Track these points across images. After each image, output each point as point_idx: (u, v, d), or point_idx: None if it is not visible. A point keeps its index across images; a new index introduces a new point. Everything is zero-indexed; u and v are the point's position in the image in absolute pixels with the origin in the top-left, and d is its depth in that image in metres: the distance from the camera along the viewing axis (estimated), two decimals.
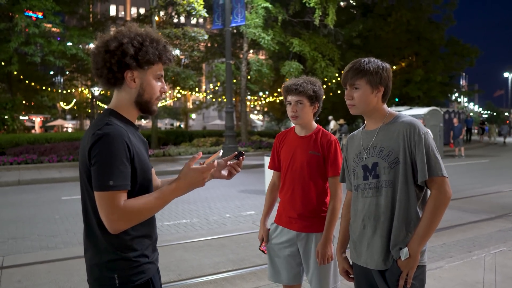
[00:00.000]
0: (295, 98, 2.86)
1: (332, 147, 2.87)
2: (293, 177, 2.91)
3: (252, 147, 22.53)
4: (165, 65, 1.93)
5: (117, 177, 1.66)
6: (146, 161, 1.87)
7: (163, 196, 1.76)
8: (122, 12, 71.58)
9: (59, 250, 6.14)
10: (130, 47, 1.79)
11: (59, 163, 16.31)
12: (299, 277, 2.99)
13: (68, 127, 55.55)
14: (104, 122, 1.76)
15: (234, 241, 6.47)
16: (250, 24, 20.88)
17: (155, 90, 1.88)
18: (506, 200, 9.60)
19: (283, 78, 23.91)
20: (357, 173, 2.31)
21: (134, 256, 1.79)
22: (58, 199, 10.10)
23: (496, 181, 12.75)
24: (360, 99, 2.23)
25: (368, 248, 2.24)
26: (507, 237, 6.48)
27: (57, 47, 21.74)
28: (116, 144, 1.69)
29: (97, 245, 1.81)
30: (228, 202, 9.46)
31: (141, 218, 1.73)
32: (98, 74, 1.86)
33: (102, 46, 1.82)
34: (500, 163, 18.83)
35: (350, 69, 2.25)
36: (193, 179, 1.80)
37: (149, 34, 1.86)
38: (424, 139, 2.12)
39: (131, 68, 1.82)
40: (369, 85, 2.22)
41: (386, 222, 2.18)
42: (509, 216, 7.99)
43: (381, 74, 2.22)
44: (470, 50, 36.70)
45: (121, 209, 1.66)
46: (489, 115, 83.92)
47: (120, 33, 1.83)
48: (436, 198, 2.10)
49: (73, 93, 42.97)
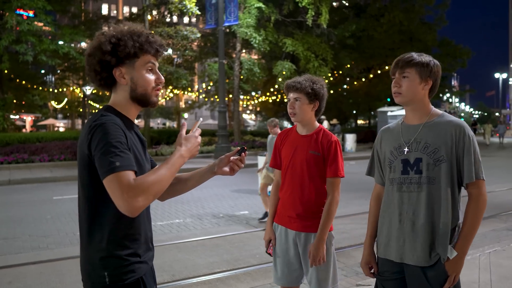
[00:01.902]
0: (293, 95, 2.85)
1: (332, 148, 2.83)
2: (292, 176, 2.88)
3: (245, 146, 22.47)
4: (155, 56, 1.91)
5: (122, 159, 1.64)
6: (142, 158, 1.86)
7: (171, 165, 1.74)
8: (114, 11, 71.28)
9: (50, 250, 6.07)
10: (107, 44, 1.79)
11: (51, 163, 16.18)
12: (300, 278, 2.96)
13: (59, 126, 55.22)
14: (100, 114, 1.77)
15: (228, 241, 6.43)
16: (243, 23, 20.85)
17: (147, 82, 1.86)
18: (498, 200, 9.64)
19: (275, 78, 23.90)
20: (394, 166, 2.30)
21: (125, 254, 1.78)
22: (50, 199, 10.00)
23: (488, 181, 12.72)
24: (408, 88, 2.23)
25: (405, 243, 2.23)
26: (500, 237, 6.49)
27: (48, 46, 21.55)
28: (113, 130, 1.68)
29: (89, 242, 1.81)
30: (222, 202, 9.41)
31: (157, 190, 1.68)
32: (90, 79, 1.89)
33: (87, 51, 1.86)
34: (491, 163, 18.92)
35: (401, 59, 2.26)
36: (190, 143, 1.82)
37: (131, 29, 1.85)
38: (473, 142, 2.16)
39: (116, 65, 1.82)
40: (418, 75, 2.22)
41: (427, 218, 2.18)
42: (502, 216, 8.03)
43: (432, 68, 2.23)
44: (462, 51, 36.97)
45: (134, 186, 1.61)
46: (480, 115, 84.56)
47: (102, 35, 1.85)
48: (478, 199, 2.16)
49: (65, 92, 42.62)
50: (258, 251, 5.88)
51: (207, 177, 2.12)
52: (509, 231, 6.87)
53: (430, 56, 2.28)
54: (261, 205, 9.02)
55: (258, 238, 6.57)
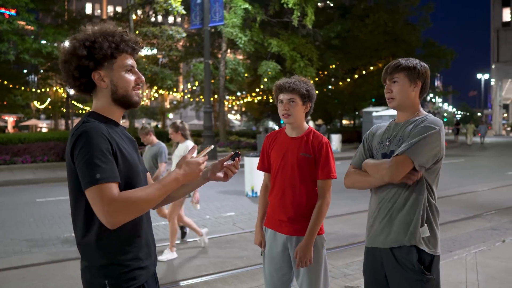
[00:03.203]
0: (287, 96, 2.81)
1: (323, 150, 2.80)
2: (283, 179, 2.83)
3: (231, 147, 22.45)
4: (132, 55, 1.88)
5: (103, 170, 1.60)
6: (133, 159, 1.82)
7: (162, 186, 1.71)
8: (98, 10, 70.67)
9: (33, 254, 5.95)
10: (82, 49, 1.76)
11: (34, 164, 15.94)
12: (290, 282, 2.93)
13: (42, 127, 54.54)
14: (82, 121, 1.75)
15: (215, 243, 6.38)
16: (228, 23, 20.80)
17: (127, 82, 1.83)
18: (482, 199, 9.73)
19: (260, 78, 23.90)
20: (377, 159, 2.43)
21: (126, 260, 1.74)
22: (33, 201, 9.83)
23: (472, 180, 12.94)
24: (399, 92, 2.36)
25: (385, 229, 2.35)
26: (486, 236, 6.54)
27: (31, 45, 21.24)
28: (96, 138, 1.65)
29: (87, 250, 1.75)
30: (208, 204, 9.35)
31: (141, 209, 1.66)
32: (69, 85, 1.85)
33: (61, 58, 1.82)
34: (475, 163, 19.15)
35: (390, 66, 2.40)
36: (190, 170, 1.79)
37: (103, 29, 1.82)
38: (426, 135, 2.22)
39: (94, 69, 1.79)
40: (407, 79, 2.35)
41: (400, 208, 2.31)
42: (486, 215, 8.09)
43: (419, 70, 2.35)
44: (445, 52, 37.39)
45: (117, 199, 1.58)
46: (462, 115, 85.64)
47: (74, 39, 1.81)
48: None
49: (48, 92, 42.14)
50: (245, 253, 5.84)
51: (200, 183, 2.09)
52: (494, 231, 6.93)
53: (417, 59, 2.41)
54: (248, 206, 8.99)
55: (245, 240, 6.53)
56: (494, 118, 59.82)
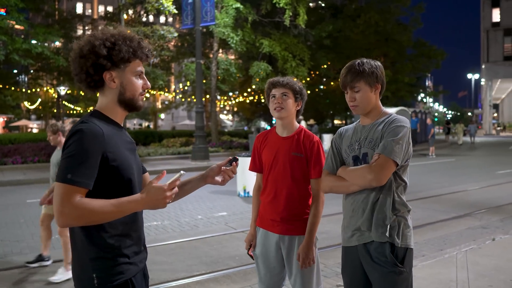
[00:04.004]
0: (280, 90, 2.83)
1: (315, 148, 2.82)
2: (275, 179, 2.84)
3: (222, 147, 22.44)
4: (144, 62, 1.96)
5: (77, 173, 1.67)
6: (128, 161, 1.87)
7: (119, 206, 1.73)
8: (89, 10, 70.32)
9: (24, 255, 5.90)
10: (102, 48, 1.83)
11: (24, 165, 15.83)
12: (282, 281, 2.94)
13: (33, 127, 54.18)
14: (82, 120, 1.81)
15: (207, 243, 6.38)
16: (220, 23, 20.78)
17: (136, 87, 1.91)
18: (472, 198, 9.80)
19: (252, 78, 23.91)
20: (348, 163, 2.46)
21: (113, 256, 1.80)
22: (23, 202, 9.77)
23: (463, 180, 13.03)
24: (362, 99, 2.40)
25: (359, 227, 2.38)
26: (476, 235, 6.59)
27: (21, 45, 21.07)
28: (86, 141, 1.71)
29: (78, 243, 1.82)
30: (200, 204, 9.34)
31: (90, 220, 1.72)
32: (78, 80, 1.89)
33: (77, 52, 1.86)
34: (466, 162, 19.29)
35: (348, 73, 2.41)
36: (155, 196, 1.76)
37: (122, 33, 1.89)
38: (398, 129, 2.28)
39: (108, 69, 1.85)
40: (368, 86, 2.39)
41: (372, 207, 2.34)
42: (477, 214, 8.15)
43: (376, 73, 2.39)
44: (436, 52, 37.68)
45: (73, 205, 1.66)
46: (453, 115, 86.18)
47: (93, 37, 1.86)
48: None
49: (38, 93, 41.83)
50: (237, 253, 5.84)
51: (197, 186, 2.19)
52: (483, 229, 6.98)
53: (371, 60, 2.44)
54: (240, 206, 8.99)
55: (237, 239, 6.53)
56: (485, 118, 60.26)
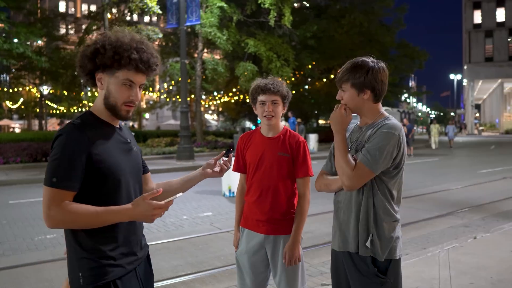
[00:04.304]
0: (271, 97, 2.83)
1: (301, 148, 2.85)
2: (261, 179, 2.86)
3: (208, 147, 22.41)
4: (140, 73, 1.91)
5: (61, 176, 1.72)
6: (118, 163, 1.88)
7: (104, 214, 1.77)
8: (72, 9, 69.51)
9: (6, 257, 5.83)
10: (90, 49, 1.86)
11: (6, 165, 15.60)
12: (266, 281, 2.95)
13: (15, 127, 53.43)
14: (68, 122, 1.85)
15: (192, 244, 6.37)
16: (206, 23, 20.73)
17: (119, 95, 1.89)
18: (455, 197, 9.95)
19: (237, 78, 23.90)
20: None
21: (97, 257, 1.83)
22: (5, 203, 9.64)
23: (445, 179, 13.21)
24: (348, 100, 2.32)
25: (346, 233, 2.35)
26: (458, 233, 6.70)
27: (2, 45, 20.74)
28: (69, 144, 1.74)
29: (68, 243, 1.86)
30: (185, 204, 9.32)
31: (76, 224, 1.77)
32: (78, 73, 1.96)
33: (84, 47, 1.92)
34: (448, 162, 19.56)
35: (341, 70, 2.34)
36: (142, 211, 1.79)
37: (124, 39, 1.88)
38: (383, 137, 2.18)
39: (99, 70, 1.88)
40: (354, 88, 2.29)
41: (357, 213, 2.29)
42: (459, 213, 8.28)
43: (365, 78, 2.25)
44: (419, 53, 38.03)
45: (58, 208, 1.71)
46: (436, 115, 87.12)
47: (99, 35, 1.91)
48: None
49: (21, 92, 41.28)
50: (222, 253, 5.85)
51: (196, 181, 2.30)
52: (465, 228, 7.10)
53: (370, 61, 2.30)
54: (226, 206, 8.99)
55: (222, 239, 6.53)
56: (467, 118, 61.15)
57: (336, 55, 31.43)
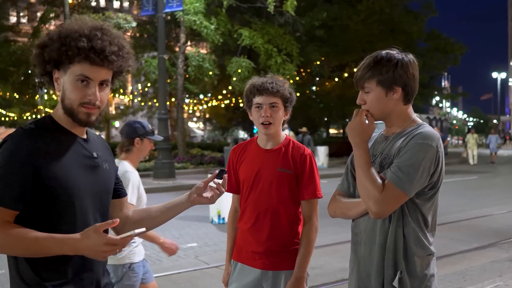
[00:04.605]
0: (269, 99, 2.81)
1: (307, 163, 2.84)
2: (257, 202, 2.84)
3: (192, 162, 22.37)
4: (95, 66, 1.87)
5: (0, 191, 1.74)
6: (73, 180, 1.86)
7: (45, 241, 1.77)
8: None
9: None
10: (38, 45, 1.88)
11: None
12: None
13: None
14: (21, 126, 1.86)
15: (172, 281, 6.37)
16: (189, 9, 20.77)
17: (73, 95, 1.87)
18: (498, 225, 9.93)
19: (229, 77, 23.86)
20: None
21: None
22: None
23: (486, 202, 13.20)
24: (372, 103, 2.30)
25: (366, 270, 2.31)
26: (502, 269, 6.69)
27: None
28: (14, 153, 1.75)
29: (12, 277, 1.86)
30: (164, 232, 9.28)
31: (14, 250, 1.79)
32: (37, 75, 1.99)
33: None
34: (489, 181, 19.54)
35: (360, 67, 2.30)
36: (91, 245, 1.74)
37: (73, 27, 1.87)
38: (418, 150, 2.14)
39: (55, 68, 1.88)
40: (381, 87, 2.26)
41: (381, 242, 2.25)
42: (503, 244, 8.27)
43: (394, 72, 2.23)
44: (454, 46, 37.79)
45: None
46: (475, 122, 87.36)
47: (53, 28, 1.95)
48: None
49: None
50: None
51: (181, 210, 2.25)
52: (511, 262, 7.10)
53: (397, 53, 2.29)
54: (214, 235, 8.99)
55: (210, 276, 6.53)
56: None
57: (351, 49, 31.43)
